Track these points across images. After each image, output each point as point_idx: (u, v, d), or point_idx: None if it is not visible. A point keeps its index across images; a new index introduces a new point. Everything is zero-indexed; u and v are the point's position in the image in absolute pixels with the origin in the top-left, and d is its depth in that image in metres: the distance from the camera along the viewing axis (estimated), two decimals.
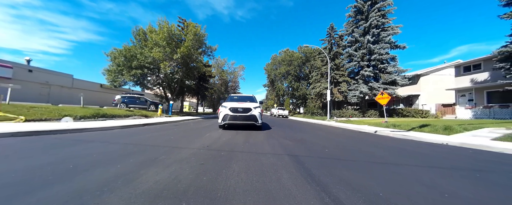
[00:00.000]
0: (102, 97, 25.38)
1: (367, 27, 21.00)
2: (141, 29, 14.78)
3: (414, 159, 3.33)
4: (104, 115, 8.98)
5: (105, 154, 2.91)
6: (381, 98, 11.74)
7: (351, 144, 4.84)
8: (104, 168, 2.22)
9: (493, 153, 4.22)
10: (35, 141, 3.77)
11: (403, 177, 2.27)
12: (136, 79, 14.31)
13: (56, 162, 2.41)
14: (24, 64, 18.87)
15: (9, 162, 2.39)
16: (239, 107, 7.01)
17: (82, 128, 5.58)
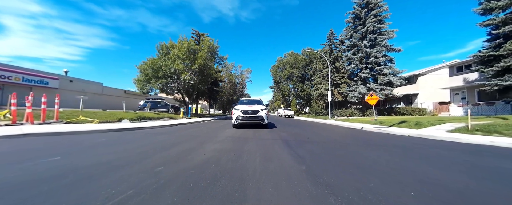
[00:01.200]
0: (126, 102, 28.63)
1: (364, 32, 22.61)
2: (164, 44, 17.45)
3: (364, 143, 5.38)
4: (144, 117, 11.54)
5: (174, 140, 5.20)
6: (371, 99, 13.51)
7: (328, 135, 6.92)
8: (181, 145, 4.46)
9: (433, 140, 6.13)
10: (124, 134, 6.17)
11: (342, 150, 4.38)
12: (162, 86, 16.98)
13: (151, 144, 4.72)
14: (66, 76, 22.26)
15: (123, 145, 4.71)
16: (248, 110, 8.39)
17: (140, 126, 8.02)
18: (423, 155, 3.70)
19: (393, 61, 21.95)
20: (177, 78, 17.61)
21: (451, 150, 4.34)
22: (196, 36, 24.30)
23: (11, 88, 16.19)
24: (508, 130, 6.83)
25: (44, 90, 17.92)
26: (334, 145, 4.67)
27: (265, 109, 8.62)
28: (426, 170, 2.61)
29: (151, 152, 3.44)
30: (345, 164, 2.91)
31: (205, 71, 18.34)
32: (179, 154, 3.30)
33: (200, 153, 3.42)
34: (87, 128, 6.44)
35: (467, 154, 3.86)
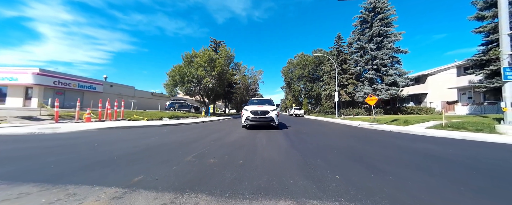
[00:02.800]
0: (152, 103, 32.48)
1: (371, 35, 23.62)
2: (188, 53, 20.33)
3: (345, 135, 7.36)
4: (176, 116, 14.31)
5: (208, 131, 7.58)
6: (370, 99, 14.98)
7: (322, 130, 8.90)
8: (215, 134, 6.81)
9: (405, 133, 7.81)
10: (172, 127, 8.73)
11: (323, 138, 6.44)
12: (186, 90, 19.90)
13: (197, 133, 7.14)
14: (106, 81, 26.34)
15: (181, 133, 7.17)
16: (258, 110, 8.08)
17: (177, 123, 10.61)
18: (374, 141, 5.64)
19: (400, 62, 22.73)
20: (199, 82, 20.42)
21: (402, 139, 6.18)
22: (214, 44, 27.10)
23: (69, 93, 20.17)
24: (472, 126, 8.28)
25: (92, 94, 21.85)
26: (319, 135, 6.71)
27: (275, 109, 8.30)
28: (360, 146, 4.62)
29: (201, 137, 5.81)
30: (316, 144, 5.01)
31: (222, 76, 20.94)
32: (218, 138, 5.63)
33: (229, 137, 5.71)
34: (144, 124, 9.13)
35: (406, 140, 5.71)
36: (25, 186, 1.85)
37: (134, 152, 3.51)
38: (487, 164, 3.10)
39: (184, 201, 1.62)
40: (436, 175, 2.49)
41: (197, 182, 2.04)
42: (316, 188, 1.95)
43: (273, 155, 3.50)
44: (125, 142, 4.49)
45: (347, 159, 3.28)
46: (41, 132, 5.77)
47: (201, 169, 2.51)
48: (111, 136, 5.46)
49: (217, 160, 3.02)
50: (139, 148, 3.90)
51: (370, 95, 15.22)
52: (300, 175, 2.36)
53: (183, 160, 3.02)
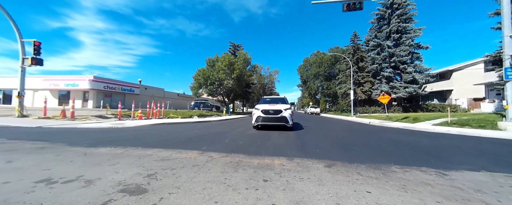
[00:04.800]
0: (179, 103, 36.02)
1: (388, 32, 23.33)
2: (210, 58, 22.63)
3: (350, 130, 8.57)
4: (202, 115, 16.56)
5: (232, 127, 9.37)
6: (383, 98, 15.44)
7: (331, 126, 10.12)
8: (239, 128, 8.54)
9: (409, 129, 8.75)
10: (203, 124, 10.75)
11: (328, 132, 7.79)
12: (209, 91, 22.26)
13: (224, 128, 8.98)
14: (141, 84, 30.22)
15: (212, 128, 9.07)
16: (270, 109, 7.43)
17: (205, 120, 12.68)
18: (368, 134, 6.83)
19: (420, 58, 22.13)
20: (220, 84, 22.62)
21: (396, 133, 7.22)
22: (233, 47, 29.20)
23: (115, 95, 23.97)
24: (476, 123, 8.77)
25: (132, 96, 25.51)
26: (324, 130, 8.04)
27: (289, 108, 7.65)
28: (351, 137, 5.93)
29: (228, 130, 7.59)
30: (318, 135, 6.43)
31: (241, 78, 22.86)
32: (240, 131, 7.34)
33: (249, 131, 7.38)
34: (180, 121, 11.32)
35: (398, 134, 6.78)
36: (155, 149, 3.71)
37: (192, 137, 5.37)
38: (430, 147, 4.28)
39: (233, 155, 3.31)
40: (381, 151, 3.84)
41: (235, 150, 3.73)
42: (302, 154, 3.49)
43: (281, 141, 5.07)
44: (181, 133, 6.44)
45: (333, 144, 4.71)
46: (116, 126, 8.10)
47: (235, 146, 4.20)
48: (167, 129, 7.54)
49: (243, 143, 4.70)
50: (193, 135, 5.78)
51: (383, 93, 15.68)
52: (295, 150, 3.91)
53: (223, 141, 4.76)
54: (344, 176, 2.35)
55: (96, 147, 3.77)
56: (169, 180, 2.10)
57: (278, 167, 2.66)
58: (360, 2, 9.55)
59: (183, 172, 2.37)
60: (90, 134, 5.56)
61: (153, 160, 2.92)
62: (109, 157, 3.00)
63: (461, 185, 2.12)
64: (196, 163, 2.81)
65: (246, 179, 2.18)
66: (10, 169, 2.39)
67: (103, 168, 2.48)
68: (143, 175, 2.25)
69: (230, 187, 1.97)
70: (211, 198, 1.70)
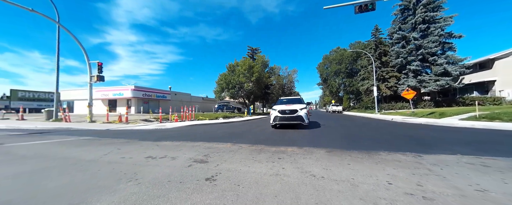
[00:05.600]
0: (204, 106, 38.92)
1: (414, 23, 22.02)
2: (231, 64, 24.34)
3: (367, 127, 9.02)
4: (226, 116, 18.16)
5: (254, 126, 10.51)
6: (407, 94, 14.95)
7: (348, 124, 10.57)
8: (260, 127, 9.61)
9: (429, 125, 8.91)
10: (229, 124, 12.15)
11: (341, 128, 8.42)
12: (231, 94, 23.94)
13: (247, 127, 10.18)
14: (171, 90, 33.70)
15: (238, 128, 10.34)
16: (286, 109, 7.93)
17: (230, 121, 14.11)
18: (382, 130, 7.28)
19: (453, 48, 20.39)
20: (241, 87, 24.14)
21: (413, 128, 7.51)
22: (251, 51, 30.64)
23: (151, 101, 27.35)
24: (507, 117, 8.35)
25: (164, 101, 28.71)
26: (339, 127, 8.64)
27: (305, 108, 8.12)
28: (361, 133, 6.54)
29: (250, 129, 8.76)
30: (330, 131, 7.16)
31: (260, 80, 24.07)
32: (261, 129, 8.43)
33: (269, 129, 8.40)
34: (208, 122, 12.91)
35: (415, 129, 7.10)
36: (200, 142, 5.03)
37: (223, 135, 6.66)
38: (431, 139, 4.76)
39: (256, 145, 4.42)
40: (381, 142, 4.53)
41: (258, 142, 4.82)
42: (311, 145, 4.42)
43: (296, 136, 6.02)
44: (213, 131, 7.83)
45: (341, 138, 5.50)
46: (160, 128, 9.92)
47: (258, 140, 5.30)
48: (201, 129, 9.05)
49: (264, 138, 5.78)
50: (223, 133, 7.09)
51: (407, 89, 15.19)
52: (306, 142, 4.84)
53: (248, 137, 5.92)
54: (337, 157, 3.26)
55: (160, 141, 5.27)
56: (217, 157, 3.30)
57: (289, 152, 3.68)
58: (372, 3, 9.86)
59: (225, 154, 3.57)
60: (147, 133, 7.28)
61: (202, 148, 4.20)
62: (173, 146, 4.39)
63: (425, 162, 2.87)
64: (231, 149, 4.00)
65: (266, 158, 3.26)
66: (119, 153, 3.88)
67: (175, 152, 3.83)
68: (201, 155, 3.51)
69: (256, 161, 3.08)
70: (246, 165, 2.83)
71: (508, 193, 1.81)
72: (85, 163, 3.07)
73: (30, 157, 3.61)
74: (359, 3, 10.00)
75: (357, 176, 2.31)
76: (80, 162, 3.14)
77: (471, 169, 2.51)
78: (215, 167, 2.75)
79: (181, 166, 2.84)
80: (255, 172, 2.52)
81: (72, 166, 2.91)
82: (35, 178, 2.43)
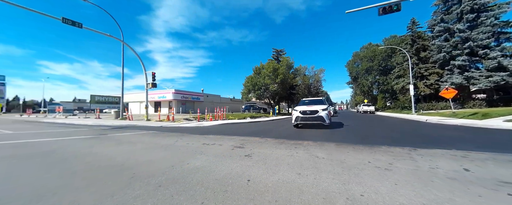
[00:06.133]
0: (232, 106, 41.54)
1: (459, 13, 19.71)
2: (257, 66, 25.84)
3: (388, 127, 9.23)
4: (253, 116, 19.63)
5: (278, 125, 11.57)
6: (446, 93, 13.81)
7: (372, 124, 10.73)
8: (283, 126, 10.64)
9: (463, 126, 8.68)
10: (256, 123, 13.50)
11: (363, 129, 8.85)
12: (257, 95, 25.40)
13: (272, 126, 11.31)
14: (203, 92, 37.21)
15: (263, 126, 11.56)
16: (307, 110, 8.44)
17: (256, 121, 15.44)
18: (404, 129, 7.52)
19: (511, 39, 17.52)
20: (266, 88, 25.40)
21: (443, 129, 7.51)
22: (276, 53, 31.67)
23: (188, 103, 30.91)
24: None
25: (198, 103, 32.00)
26: (359, 127, 9.04)
27: (326, 109, 8.47)
28: (379, 133, 7.00)
29: (275, 127, 9.87)
30: (351, 132, 7.77)
31: (284, 81, 24.91)
32: (285, 128, 9.46)
33: (292, 128, 9.38)
34: (238, 121, 14.47)
35: (444, 130, 7.17)
36: (234, 136, 6.44)
37: (252, 131, 7.98)
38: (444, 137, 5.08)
39: (279, 139, 5.56)
40: (391, 140, 5.12)
41: (280, 137, 5.94)
42: (325, 140, 5.32)
43: (315, 134, 6.92)
44: (243, 129, 9.25)
45: (356, 136, 6.19)
46: (199, 125, 11.86)
47: (280, 135, 6.41)
48: (233, 127, 10.60)
49: (286, 134, 6.86)
50: (252, 130, 8.42)
51: (446, 88, 14.05)
52: (322, 138, 5.75)
53: (273, 133, 7.09)
54: (342, 148, 4.17)
55: (205, 135, 6.89)
56: (250, 145, 4.58)
57: (305, 144, 4.71)
58: (397, 4, 9.86)
59: (255, 144, 4.83)
60: (192, 129, 9.13)
61: (238, 140, 5.56)
62: (217, 138, 5.88)
63: (414, 153, 3.56)
64: (259, 141, 5.24)
65: (286, 147, 4.39)
66: (183, 141, 5.51)
67: (220, 141, 5.28)
68: (238, 144, 4.85)
69: (277, 148, 4.24)
70: (270, 150, 4.03)
71: (453, 170, 2.55)
72: (166, 146, 4.73)
73: (131, 142, 5.54)
74: (383, 5, 10.10)
75: (349, 158, 3.26)
76: (163, 145, 4.83)
77: (447, 158, 3.17)
78: (249, 150, 4.02)
79: (227, 149, 4.21)
80: (277, 153, 3.70)
81: (160, 147, 4.59)
82: (147, 151, 4.11)
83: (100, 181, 2.38)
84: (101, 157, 3.70)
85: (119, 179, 2.43)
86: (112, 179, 2.44)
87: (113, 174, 2.64)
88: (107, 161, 3.40)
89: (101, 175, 2.61)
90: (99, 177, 2.53)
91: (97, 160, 3.42)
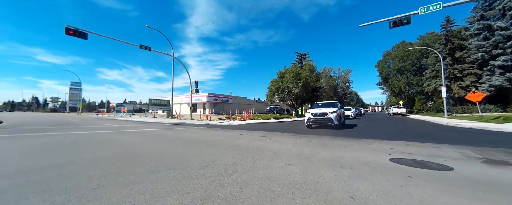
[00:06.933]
0: (258, 108, 44.32)
1: (502, 9, 18.23)
2: (281, 71, 27.95)
3: (399, 129, 10.44)
4: (276, 117, 21.81)
5: (297, 124, 13.54)
6: (473, 96, 13.60)
7: (385, 126, 11.84)
8: (298, 126, 12.49)
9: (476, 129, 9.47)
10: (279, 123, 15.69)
11: (372, 129, 10.29)
12: (280, 98, 27.46)
13: (291, 125, 13.36)
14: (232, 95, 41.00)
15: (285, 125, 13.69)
16: (318, 112, 9.72)
17: (279, 121, 17.58)
18: (413, 130, 8.79)
19: None
20: (289, 91, 27.27)
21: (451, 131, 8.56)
22: (299, 57, 33.21)
23: (219, 105, 34.88)
24: None
25: (227, 105, 35.70)
26: (372, 129, 10.42)
27: (335, 111, 9.51)
28: (387, 132, 8.49)
29: (292, 127, 11.95)
30: (354, 132, 9.38)
31: (307, 85, 26.40)
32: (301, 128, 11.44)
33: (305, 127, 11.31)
34: (263, 121, 16.86)
35: (450, 131, 8.27)
36: (260, 131, 8.85)
37: (274, 129, 10.29)
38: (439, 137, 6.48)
39: (292, 134, 7.75)
40: (385, 136, 6.78)
41: (294, 132, 8.11)
42: (325, 135, 7.29)
43: (322, 132, 8.84)
44: (267, 127, 11.61)
45: (358, 134, 7.92)
46: (232, 124, 14.64)
47: (294, 131, 8.55)
48: (259, 125, 13.05)
49: (299, 131, 8.96)
50: (274, 128, 10.72)
51: (473, 91, 13.85)
52: (325, 134, 7.70)
53: (289, 130, 9.28)
54: (334, 138, 6.15)
55: (240, 130, 9.49)
56: (271, 136, 6.94)
57: (309, 136, 6.81)
58: (407, 18, 10.87)
59: (274, 135, 7.15)
60: (228, 126, 11.89)
61: (263, 133, 7.96)
62: (248, 132, 8.39)
63: (376, 141, 5.36)
64: (278, 134, 7.53)
65: (294, 137, 6.60)
66: (226, 132, 8.17)
67: (250, 133, 7.76)
68: (263, 135, 7.27)
69: (288, 137, 6.50)
70: (284, 138, 6.33)
71: (382, 148, 4.39)
72: (219, 134, 7.43)
73: (195, 132, 8.48)
74: (394, 19, 11.21)
75: (330, 142, 5.32)
76: (217, 134, 7.55)
77: (413, 146, 4.92)
78: (270, 138, 6.37)
79: (256, 137, 6.65)
80: (287, 140, 5.96)
81: (216, 135, 7.30)
82: (211, 136, 6.84)
83: (205, 146, 5.06)
84: (190, 138, 6.55)
85: (213, 145, 5.08)
86: (210, 145, 5.10)
87: (207, 143, 5.33)
88: (196, 139, 6.20)
89: (202, 144, 5.29)
90: (203, 145, 5.23)
91: (192, 139, 6.26)
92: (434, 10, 9.93)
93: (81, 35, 11.51)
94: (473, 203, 1.97)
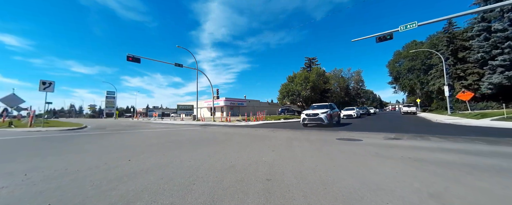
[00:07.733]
0: (270, 109, 47.16)
1: (500, 11, 19.15)
2: (290, 75, 30.70)
3: (387, 125, 12.76)
4: (287, 118, 24.53)
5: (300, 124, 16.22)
6: (463, 95, 15.14)
7: (376, 124, 14.11)
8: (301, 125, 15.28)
9: (452, 124, 11.61)
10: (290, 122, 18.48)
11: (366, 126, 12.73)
12: (291, 100, 30.12)
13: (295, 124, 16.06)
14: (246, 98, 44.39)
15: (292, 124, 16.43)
16: (311, 113, 11.85)
17: (289, 121, 20.30)
18: (398, 124, 11.14)
19: None
20: (299, 94, 29.83)
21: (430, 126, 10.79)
22: (308, 61, 35.59)
23: (234, 108, 38.44)
24: None
25: (242, 108, 39.11)
26: (362, 126, 12.81)
27: (325, 112, 11.52)
28: (377, 125, 10.98)
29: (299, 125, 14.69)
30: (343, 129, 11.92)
31: (315, 87, 28.80)
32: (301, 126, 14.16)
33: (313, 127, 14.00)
34: (274, 122, 19.73)
35: (428, 126, 10.54)
36: (270, 128, 11.81)
37: (282, 127, 13.15)
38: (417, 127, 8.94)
39: (293, 129, 10.59)
40: (368, 129, 9.37)
41: (294, 128, 10.92)
42: (316, 130, 10.02)
43: (318, 129, 11.52)
44: (278, 125, 14.50)
45: (346, 129, 10.54)
46: (248, 124, 17.74)
47: (294, 128, 11.34)
48: (270, 125, 15.96)
49: (298, 128, 11.74)
50: (282, 126, 13.60)
51: (463, 90, 15.37)
52: (316, 130, 10.43)
53: (292, 128, 12.11)
54: (320, 131, 8.90)
55: (254, 128, 12.52)
56: (277, 130, 9.89)
57: (304, 131, 9.60)
58: (390, 35, 13.14)
59: (279, 130, 10.07)
60: (246, 126, 14.98)
61: (272, 129, 10.90)
62: (261, 129, 11.39)
63: (351, 131, 8.02)
64: (283, 129, 10.43)
65: (292, 131, 9.46)
66: (245, 129, 11.24)
67: (263, 129, 10.76)
68: (272, 130, 10.26)
69: (288, 131, 9.41)
70: (285, 132, 9.24)
71: (349, 136, 7.08)
72: (240, 130, 10.53)
73: (223, 131, 11.69)
74: (379, 35, 13.52)
75: (316, 133, 8.11)
76: (239, 130, 10.66)
77: (366, 133, 7.54)
78: (276, 131, 9.31)
79: (267, 131, 9.64)
80: (287, 133, 8.85)
81: (238, 131, 10.41)
82: (236, 130, 9.97)
83: (242, 137, 8.17)
84: (225, 133, 9.72)
85: (245, 136, 8.18)
86: (244, 136, 8.21)
87: (241, 135, 8.45)
88: (226, 132, 9.36)
89: (237, 136, 8.40)
90: (238, 136, 8.35)
91: (227, 133, 9.44)
92: (411, 28, 12.14)
93: (135, 60, 15.55)
94: (358, 147, 4.76)
